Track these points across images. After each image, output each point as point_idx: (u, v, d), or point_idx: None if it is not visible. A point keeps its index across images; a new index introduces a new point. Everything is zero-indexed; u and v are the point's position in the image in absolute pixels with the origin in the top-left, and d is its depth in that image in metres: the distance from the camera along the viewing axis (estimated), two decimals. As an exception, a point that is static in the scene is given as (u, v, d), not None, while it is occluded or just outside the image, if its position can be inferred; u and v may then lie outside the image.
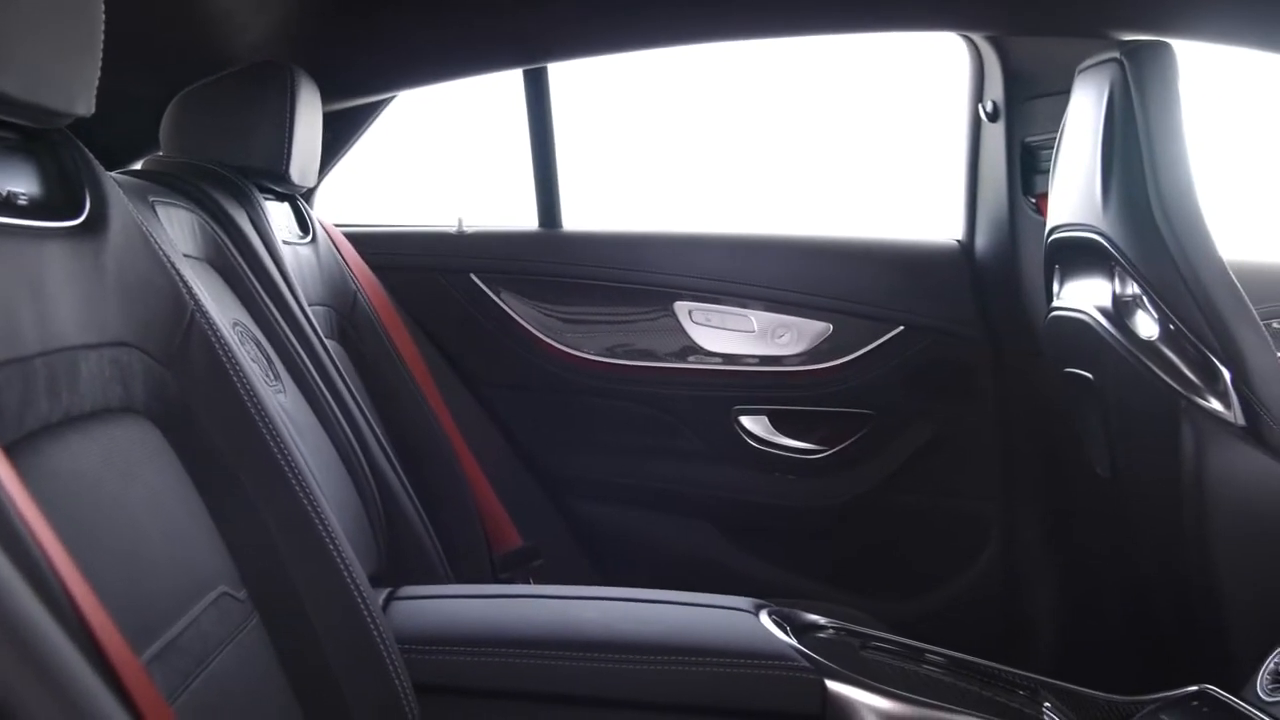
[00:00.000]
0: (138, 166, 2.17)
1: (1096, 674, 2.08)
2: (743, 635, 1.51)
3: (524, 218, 2.85)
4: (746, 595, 1.68)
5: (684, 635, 1.50)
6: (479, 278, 2.79)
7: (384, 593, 1.59)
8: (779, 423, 2.76)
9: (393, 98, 2.69)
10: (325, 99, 2.24)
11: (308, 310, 1.96)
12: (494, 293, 2.79)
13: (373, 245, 2.64)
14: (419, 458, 2.29)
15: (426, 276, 2.79)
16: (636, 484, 2.82)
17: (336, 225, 2.56)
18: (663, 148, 3.39)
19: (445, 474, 2.36)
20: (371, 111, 2.71)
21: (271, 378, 1.69)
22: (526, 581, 2.43)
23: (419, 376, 2.43)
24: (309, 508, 1.27)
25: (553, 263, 2.81)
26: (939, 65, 2.79)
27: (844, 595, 2.71)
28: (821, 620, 1.69)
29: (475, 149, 3.26)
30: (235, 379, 1.26)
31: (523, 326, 2.79)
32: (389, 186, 3.24)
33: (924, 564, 2.76)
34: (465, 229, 2.83)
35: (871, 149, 3.30)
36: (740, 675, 1.44)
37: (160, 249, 1.24)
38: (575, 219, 2.85)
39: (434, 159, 3.33)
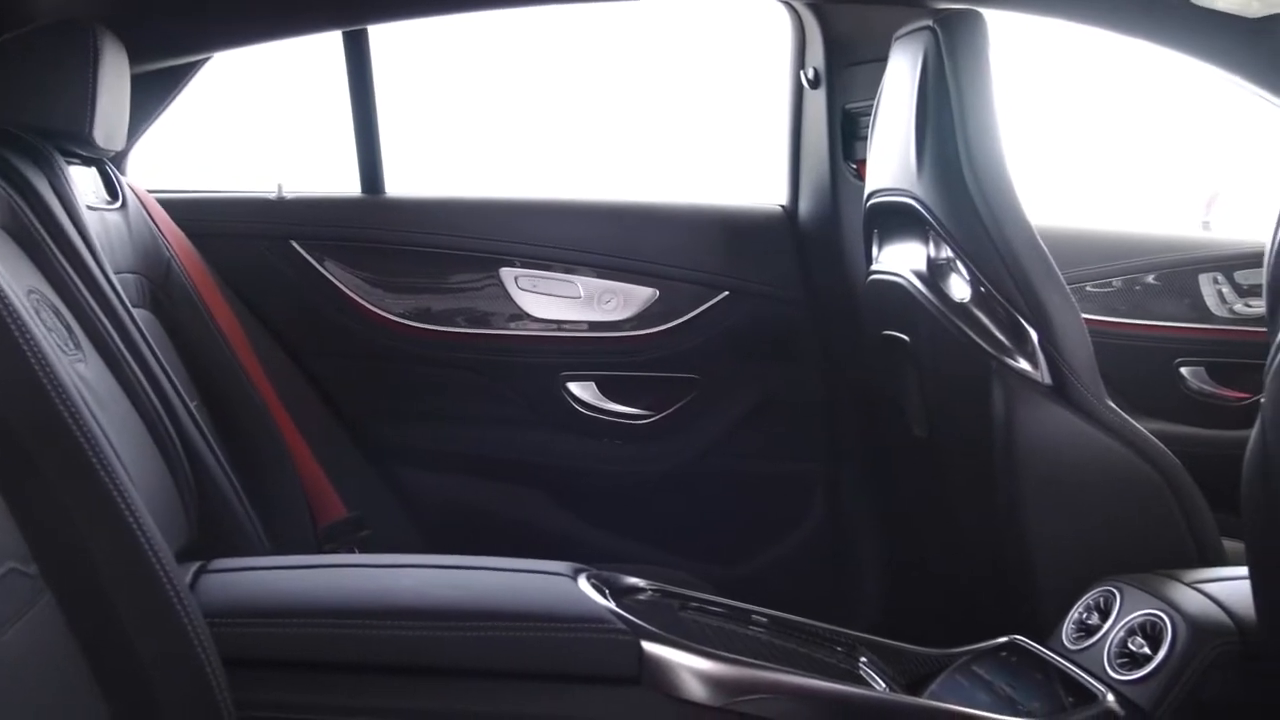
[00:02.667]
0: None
1: (919, 629, 2.13)
2: (559, 599, 1.50)
3: (348, 184, 2.80)
4: (577, 561, 1.68)
5: (499, 600, 1.49)
6: (300, 245, 2.73)
7: (193, 567, 1.54)
8: (606, 388, 2.77)
9: (206, 59, 2.61)
10: (134, 60, 2.16)
11: (113, 278, 1.89)
12: (316, 260, 2.73)
13: (189, 211, 2.56)
14: (237, 429, 2.24)
15: (246, 244, 2.72)
16: (464, 452, 2.80)
17: (151, 191, 2.48)
18: (489, 114, 3.36)
19: (265, 445, 2.30)
20: (185, 74, 2.62)
21: (70, 347, 1.62)
22: (352, 552, 2.40)
23: (238, 346, 2.37)
24: (105, 479, 1.22)
25: (376, 229, 2.76)
26: (762, 33, 2.81)
27: (673, 559, 2.73)
28: (641, 583, 1.70)
29: (298, 114, 3.19)
30: (25, 347, 1.21)
31: (346, 294, 2.74)
32: (206, 152, 3.15)
33: (751, 527, 2.80)
34: (285, 195, 2.76)
35: (697, 116, 3.31)
36: (555, 639, 1.44)
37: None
38: (399, 184, 2.80)
39: (254, 124, 3.25)
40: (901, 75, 2.14)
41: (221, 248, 2.61)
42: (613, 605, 1.52)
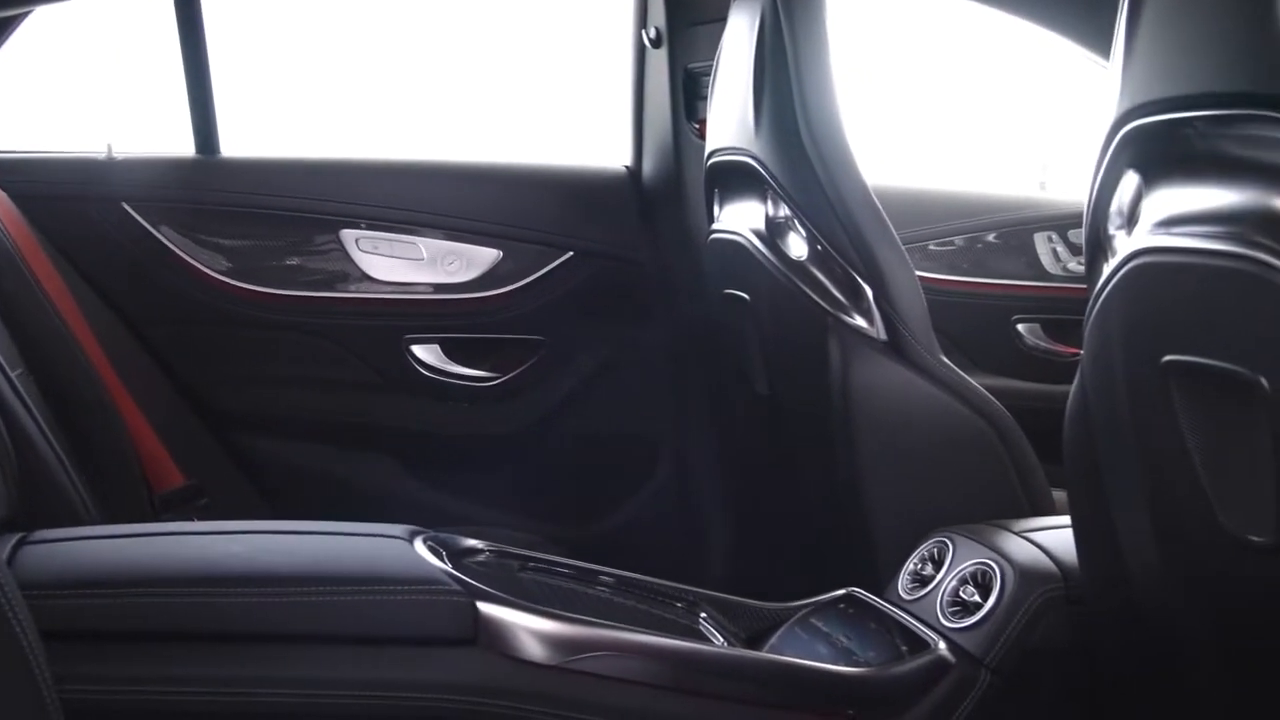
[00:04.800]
0: None
1: (767, 584, 2.16)
2: (392, 562, 1.49)
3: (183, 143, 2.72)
4: (424, 525, 1.67)
5: (330, 565, 1.47)
6: (133, 207, 2.65)
7: (12, 539, 1.49)
8: (451, 351, 2.74)
9: (25, 14, 2.51)
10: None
11: (-75, 242, 1.82)
12: (150, 224, 2.65)
13: (12, 172, 2.47)
14: (66, 397, 2.17)
15: (73, 206, 2.62)
16: (308, 417, 2.75)
17: (-31, 151, 2.39)
18: (327, 72, 3.30)
19: (96, 413, 2.24)
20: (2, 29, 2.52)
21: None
22: (190, 521, 2.35)
23: (66, 313, 2.29)
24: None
25: (212, 191, 2.69)
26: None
27: (522, 521, 2.72)
28: (479, 544, 1.69)
29: (130, 71, 3.09)
30: None
31: (182, 259, 2.66)
32: (30, 110, 3.04)
33: (600, 487, 2.80)
34: (116, 155, 2.68)
35: (540, 76, 3.29)
36: (388, 602, 1.42)
37: None
38: (235, 145, 2.73)
39: (81, 82, 3.14)
40: (740, 35, 2.14)
41: (48, 211, 2.52)
42: (448, 567, 1.51)
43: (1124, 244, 1.28)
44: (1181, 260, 1.17)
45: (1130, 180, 1.29)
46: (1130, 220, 1.29)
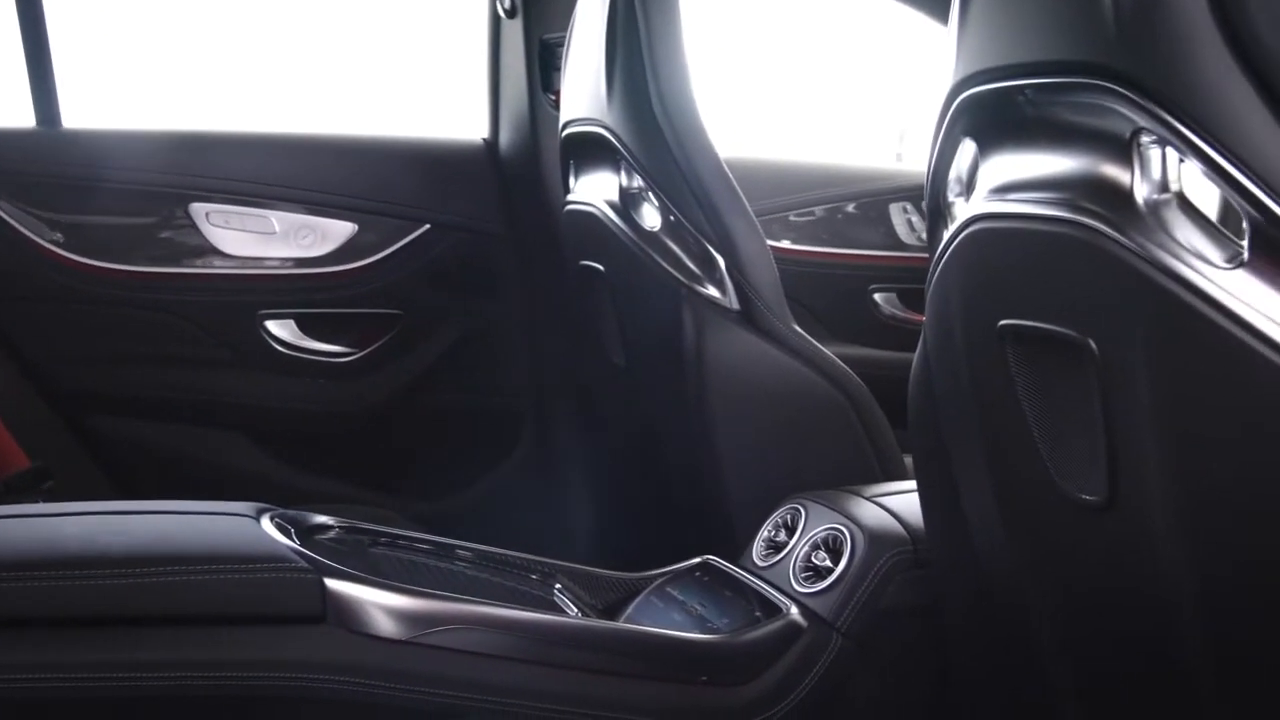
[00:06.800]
0: None
1: (630, 554, 2.16)
2: (237, 540, 1.46)
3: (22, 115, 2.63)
4: (280, 504, 1.64)
5: (174, 544, 1.44)
6: None
7: None
8: (307, 326, 2.70)
9: None
10: None
11: None
12: None
13: None
14: None
15: None
16: (159, 396, 2.69)
17: None
18: (172, 43, 3.22)
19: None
20: None
21: None
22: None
23: (-102, 293, 2.22)
24: None
25: (54, 164, 2.60)
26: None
27: (381, 497, 2.70)
28: (329, 521, 1.67)
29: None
30: None
31: (23, 234, 2.57)
32: None
33: (459, 462, 2.78)
34: (-51, 128, 2.59)
35: (394, 48, 3.25)
36: (233, 580, 1.40)
37: None
38: (77, 116, 2.65)
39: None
40: (593, 5, 2.13)
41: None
42: (295, 544, 1.49)
43: (962, 210, 1.30)
44: (1015, 226, 1.19)
45: (967, 148, 1.31)
46: (968, 187, 1.32)
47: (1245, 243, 0.97)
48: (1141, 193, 1.05)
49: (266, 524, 1.52)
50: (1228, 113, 0.97)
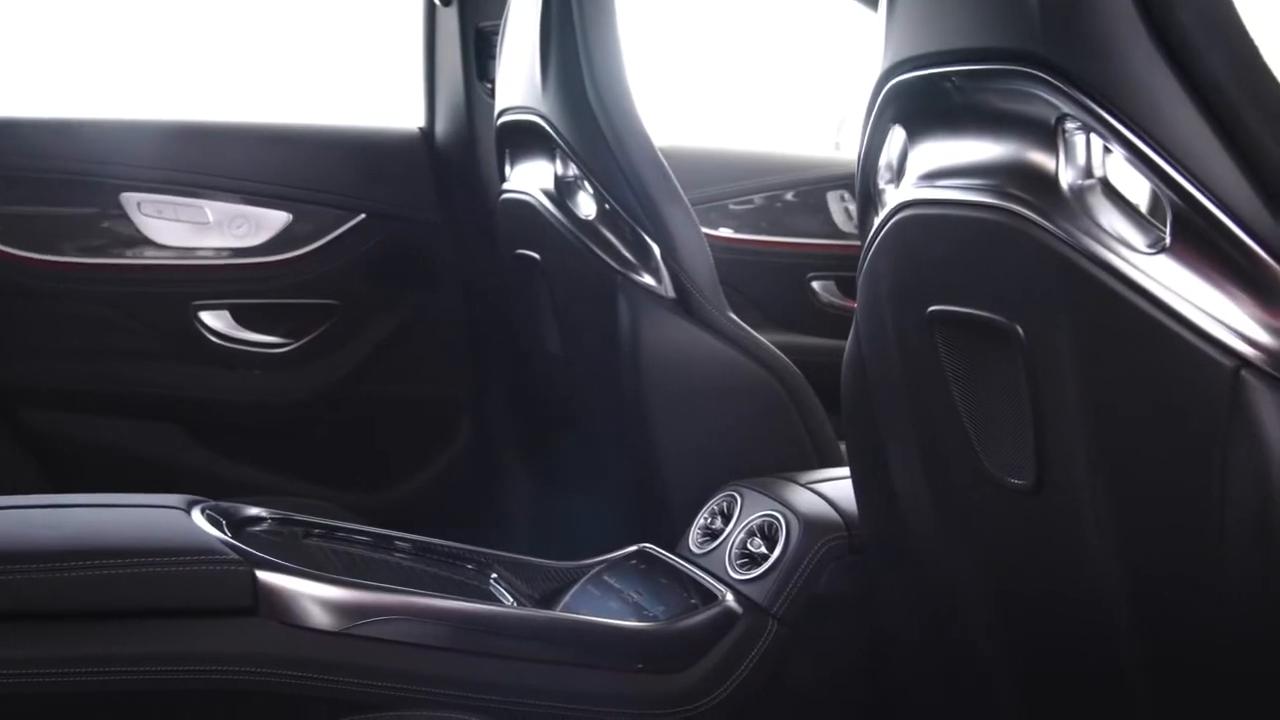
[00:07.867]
0: None
1: (569, 543, 2.16)
2: (167, 532, 1.45)
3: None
4: (215, 496, 1.62)
5: (102, 537, 1.42)
6: None
7: None
8: (241, 317, 2.67)
9: None
10: None
11: None
12: None
13: None
14: None
15: None
16: (91, 389, 2.65)
17: None
18: (99, 26, 3.17)
19: None
20: None
21: None
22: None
23: None
24: None
25: None
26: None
27: (317, 489, 2.67)
28: (262, 513, 1.66)
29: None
30: None
31: (-53, 225, 2.54)
32: None
33: (397, 453, 2.77)
34: None
35: (328, 35, 3.22)
36: (161, 574, 1.39)
37: None
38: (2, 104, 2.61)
39: None
40: (528, -8, 2.13)
41: None
42: (226, 536, 1.48)
43: (892, 197, 1.31)
44: (943, 212, 1.20)
45: (897, 135, 1.31)
46: (898, 174, 1.32)
47: (1168, 228, 0.98)
48: (1066, 179, 1.06)
49: (197, 516, 1.51)
50: (1150, 100, 0.99)
